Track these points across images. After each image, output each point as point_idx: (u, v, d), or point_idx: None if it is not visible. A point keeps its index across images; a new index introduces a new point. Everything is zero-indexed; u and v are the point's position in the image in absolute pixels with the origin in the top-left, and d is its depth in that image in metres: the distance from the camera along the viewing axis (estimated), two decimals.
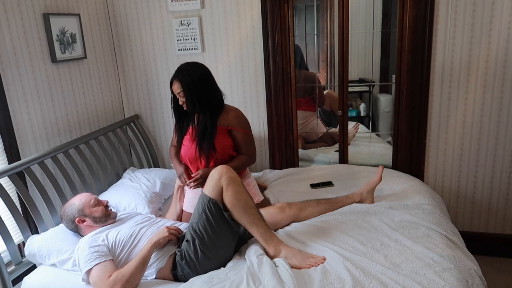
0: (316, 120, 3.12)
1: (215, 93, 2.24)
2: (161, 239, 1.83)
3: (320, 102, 3.12)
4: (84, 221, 1.98)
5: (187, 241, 1.83)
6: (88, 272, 1.75)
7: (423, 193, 2.29)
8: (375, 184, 2.21)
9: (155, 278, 1.83)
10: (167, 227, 1.88)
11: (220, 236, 1.81)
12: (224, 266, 1.82)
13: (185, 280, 1.78)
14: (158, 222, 2.06)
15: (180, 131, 2.31)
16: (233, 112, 2.29)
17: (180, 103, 2.20)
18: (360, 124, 3.23)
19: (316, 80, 3.08)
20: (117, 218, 2.10)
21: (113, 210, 2.08)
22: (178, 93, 2.17)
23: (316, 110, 3.12)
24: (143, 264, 1.76)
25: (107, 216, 2.01)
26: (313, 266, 1.68)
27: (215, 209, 1.79)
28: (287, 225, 2.08)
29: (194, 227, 1.82)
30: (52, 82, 2.49)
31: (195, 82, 2.14)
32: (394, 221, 1.97)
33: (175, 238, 1.89)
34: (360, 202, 2.18)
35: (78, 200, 2.01)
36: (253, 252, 1.78)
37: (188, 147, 2.25)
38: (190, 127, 2.28)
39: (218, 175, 1.83)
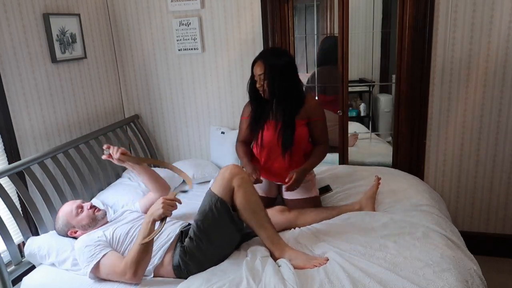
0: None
1: (297, 83, 2.15)
2: (156, 217, 1.68)
3: None
4: (76, 231, 1.99)
5: (190, 238, 1.80)
6: (97, 267, 1.75)
7: (422, 193, 2.29)
8: (373, 192, 2.19)
9: (154, 276, 1.81)
10: (163, 198, 1.70)
11: (226, 235, 1.81)
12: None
13: (187, 276, 1.76)
14: None
15: (257, 122, 2.19)
16: (312, 101, 2.21)
17: (258, 86, 2.10)
18: (360, 124, 3.23)
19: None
20: (113, 217, 2.11)
21: (100, 209, 2.06)
22: (260, 75, 2.07)
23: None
24: (145, 246, 1.68)
25: (95, 220, 1.99)
26: (316, 266, 1.69)
27: (222, 208, 1.78)
28: (286, 228, 2.07)
29: (199, 224, 1.79)
30: (52, 82, 2.49)
31: (281, 67, 2.05)
32: (394, 221, 1.97)
33: (170, 213, 1.71)
34: (359, 210, 2.15)
35: (62, 214, 2.01)
36: (256, 253, 1.79)
37: (267, 138, 2.17)
38: (269, 119, 2.17)
39: (230, 174, 1.80)
